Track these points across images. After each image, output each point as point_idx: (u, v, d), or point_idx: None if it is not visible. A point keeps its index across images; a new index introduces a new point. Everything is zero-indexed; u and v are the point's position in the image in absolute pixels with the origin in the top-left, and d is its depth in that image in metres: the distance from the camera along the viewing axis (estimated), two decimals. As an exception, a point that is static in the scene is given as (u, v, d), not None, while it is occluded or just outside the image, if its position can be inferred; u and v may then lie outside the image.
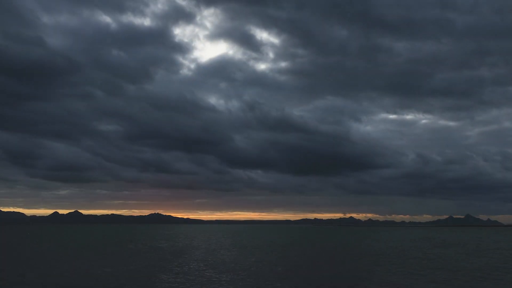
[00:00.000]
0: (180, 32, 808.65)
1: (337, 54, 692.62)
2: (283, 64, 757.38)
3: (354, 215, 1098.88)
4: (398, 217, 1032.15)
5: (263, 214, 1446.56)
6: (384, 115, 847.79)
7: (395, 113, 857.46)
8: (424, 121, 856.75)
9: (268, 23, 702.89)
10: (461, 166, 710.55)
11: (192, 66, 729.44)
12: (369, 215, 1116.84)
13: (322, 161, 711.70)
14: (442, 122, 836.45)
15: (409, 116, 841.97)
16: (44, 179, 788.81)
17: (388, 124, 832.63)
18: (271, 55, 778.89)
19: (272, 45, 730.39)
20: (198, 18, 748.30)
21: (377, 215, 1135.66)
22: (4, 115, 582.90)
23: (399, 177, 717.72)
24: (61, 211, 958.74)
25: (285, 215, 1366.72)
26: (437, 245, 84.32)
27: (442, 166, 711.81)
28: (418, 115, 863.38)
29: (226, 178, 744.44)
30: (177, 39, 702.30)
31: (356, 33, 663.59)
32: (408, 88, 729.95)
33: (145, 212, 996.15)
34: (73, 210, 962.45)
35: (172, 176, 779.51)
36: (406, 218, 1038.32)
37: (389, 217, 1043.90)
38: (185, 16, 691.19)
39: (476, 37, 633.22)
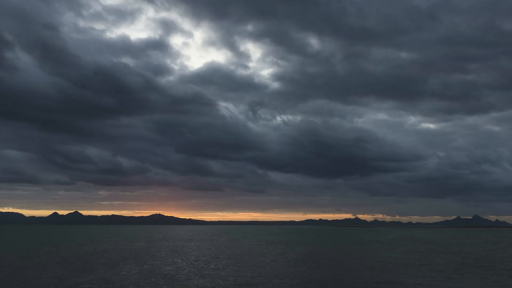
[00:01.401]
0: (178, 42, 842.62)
1: (326, 62, 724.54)
2: (277, 71, 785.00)
3: (360, 216, 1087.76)
4: (406, 218, 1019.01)
5: (267, 214, 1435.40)
6: (382, 118, 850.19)
7: (394, 116, 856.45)
8: (425, 123, 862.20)
9: (260, 35, 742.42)
10: (468, 167, 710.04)
11: (187, 73, 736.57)
12: (380, 216, 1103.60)
13: (329, 163, 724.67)
14: (442, 125, 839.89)
15: (410, 118, 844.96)
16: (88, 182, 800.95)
17: (391, 127, 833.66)
18: (264, 62, 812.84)
19: (265, 54, 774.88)
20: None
21: (388, 216, 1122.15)
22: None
23: (407, 179, 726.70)
24: (60, 212, 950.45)
25: (289, 216, 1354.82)
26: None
27: (450, 168, 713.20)
28: (420, 118, 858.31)
29: (230, 179, 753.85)
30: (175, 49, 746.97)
31: (343, 42, 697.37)
32: (405, 91, 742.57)
33: (147, 213, 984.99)
34: (72, 211, 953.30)
35: (183, 177, 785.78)
36: (414, 219, 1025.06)
37: (395, 218, 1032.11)
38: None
39: (460, 44, 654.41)
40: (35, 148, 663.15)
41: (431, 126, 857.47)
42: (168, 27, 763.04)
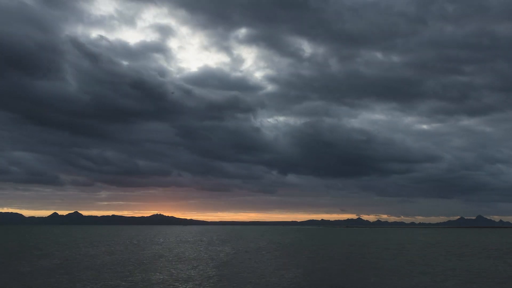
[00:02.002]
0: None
1: (321, 65, 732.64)
2: (273, 73, 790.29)
3: (363, 216, 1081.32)
4: (410, 218, 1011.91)
5: (268, 214, 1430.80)
6: (383, 119, 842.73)
7: (394, 117, 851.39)
8: (426, 124, 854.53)
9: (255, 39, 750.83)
10: (471, 167, 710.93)
11: (181, 76, 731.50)
12: (384, 216, 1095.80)
13: (333, 163, 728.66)
14: (442, 125, 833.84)
15: (410, 119, 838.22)
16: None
17: (392, 128, 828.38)
18: (258, 65, 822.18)
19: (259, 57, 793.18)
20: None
21: (392, 216, 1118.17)
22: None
23: (412, 179, 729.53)
24: (60, 212, 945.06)
25: (291, 216, 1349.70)
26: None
27: (454, 168, 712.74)
28: (420, 119, 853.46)
29: (231, 179, 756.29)
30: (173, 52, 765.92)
31: (337, 46, 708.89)
32: (403, 94, 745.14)
33: (147, 213, 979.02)
34: (72, 211, 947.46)
35: (181, 178, 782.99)
36: (417, 219, 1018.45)
37: (399, 219, 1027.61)
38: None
39: (455, 48, 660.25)
40: (43, 149, 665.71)
41: (432, 127, 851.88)
42: (165, 31, 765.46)
